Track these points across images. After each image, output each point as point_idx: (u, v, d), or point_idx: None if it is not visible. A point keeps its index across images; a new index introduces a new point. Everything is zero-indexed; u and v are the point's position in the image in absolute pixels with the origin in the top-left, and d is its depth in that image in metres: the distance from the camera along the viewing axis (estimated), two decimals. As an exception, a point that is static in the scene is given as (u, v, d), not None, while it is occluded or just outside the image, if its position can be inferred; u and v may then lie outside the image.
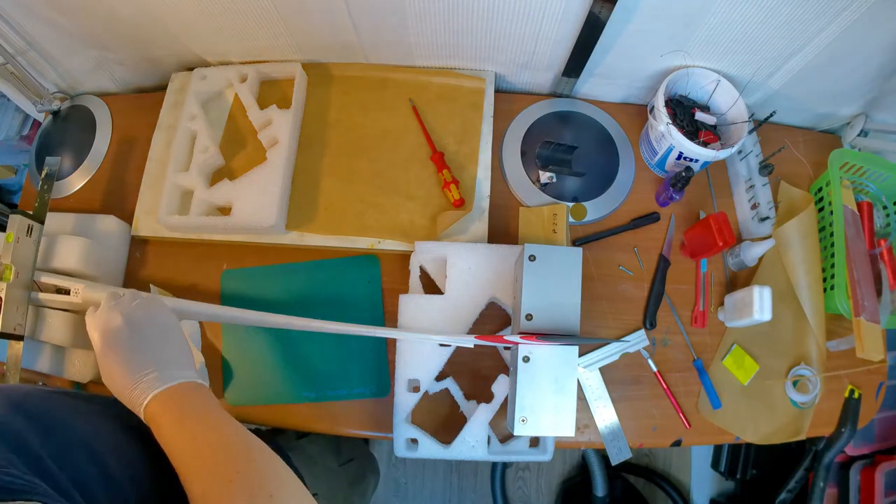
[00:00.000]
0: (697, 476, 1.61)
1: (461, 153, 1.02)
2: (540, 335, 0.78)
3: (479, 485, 1.95)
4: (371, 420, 0.94)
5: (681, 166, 0.98)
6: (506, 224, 1.02)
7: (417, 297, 0.91)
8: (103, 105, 1.15)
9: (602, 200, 1.03)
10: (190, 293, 1.01)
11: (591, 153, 1.05)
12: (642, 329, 0.98)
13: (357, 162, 1.02)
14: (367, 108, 1.06)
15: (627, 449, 0.94)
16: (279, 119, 1.01)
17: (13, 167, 1.23)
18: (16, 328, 0.84)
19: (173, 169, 1.00)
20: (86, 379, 0.95)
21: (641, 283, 1.00)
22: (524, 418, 0.77)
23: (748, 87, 0.99)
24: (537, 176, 1.04)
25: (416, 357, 0.89)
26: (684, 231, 1.02)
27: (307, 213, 1.00)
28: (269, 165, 0.98)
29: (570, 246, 0.98)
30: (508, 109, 1.09)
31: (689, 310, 1.00)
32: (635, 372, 0.97)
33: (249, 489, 0.50)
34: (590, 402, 0.95)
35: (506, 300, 0.90)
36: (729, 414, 0.95)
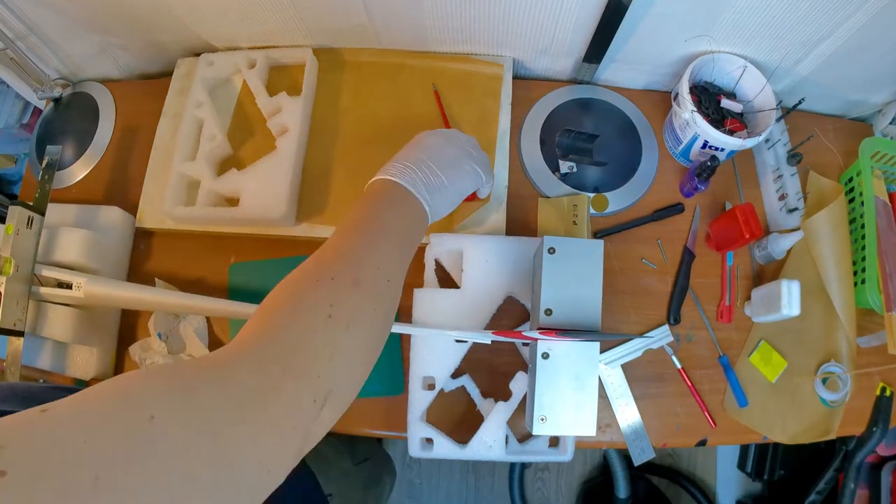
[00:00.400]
0: (723, 477, 1.61)
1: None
2: (560, 331, 0.76)
3: (496, 486, 1.94)
4: (384, 419, 0.93)
5: (706, 155, 0.97)
6: (524, 215, 1.01)
7: (432, 291, 0.90)
8: (106, 92, 1.14)
9: (624, 191, 1.02)
10: (196, 287, 1.00)
11: (612, 142, 1.04)
12: (666, 324, 0.97)
13: (370, 151, 1.01)
14: (381, 95, 1.04)
15: (650, 449, 0.93)
16: (289, 106, 1.00)
17: (13, 156, 1.22)
18: (16, 324, 0.84)
19: (179, 158, 0.99)
20: (88, 376, 0.94)
21: (665, 277, 0.99)
22: (543, 417, 0.76)
23: (776, 74, 0.98)
24: (557, 165, 1.03)
25: (431, 353, 0.88)
26: (709, 223, 1.01)
27: (318, 204, 0.98)
28: (279, 154, 0.97)
29: (591, 238, 0.98)
30: (527, 96, 1.08)
31: (715, 304, 0.99)
32: (659, 369, 0.96)
33: (314, 306, 0.47)
34: (611, 400, 0.94)
35: (524, 294, 0.90)
36: (756, 412, 0.94)
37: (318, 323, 0.46)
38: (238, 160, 1.02)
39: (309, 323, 0.46)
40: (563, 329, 0.77)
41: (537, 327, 0.78)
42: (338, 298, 0.48)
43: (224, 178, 0.98)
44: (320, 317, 0.46)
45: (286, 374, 0.42)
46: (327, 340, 0.46)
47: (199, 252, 1.02)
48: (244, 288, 0.99)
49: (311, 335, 0.45)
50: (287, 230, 0.98)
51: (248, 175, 0.97)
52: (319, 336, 0.46)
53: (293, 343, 0.44)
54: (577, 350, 0.77)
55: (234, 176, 0.97)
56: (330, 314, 0.47)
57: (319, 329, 0.46)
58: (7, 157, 1.21)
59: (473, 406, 0.90)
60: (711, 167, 0.93)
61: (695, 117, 0.92)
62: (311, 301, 0.48)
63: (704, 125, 0.92)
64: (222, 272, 1.01)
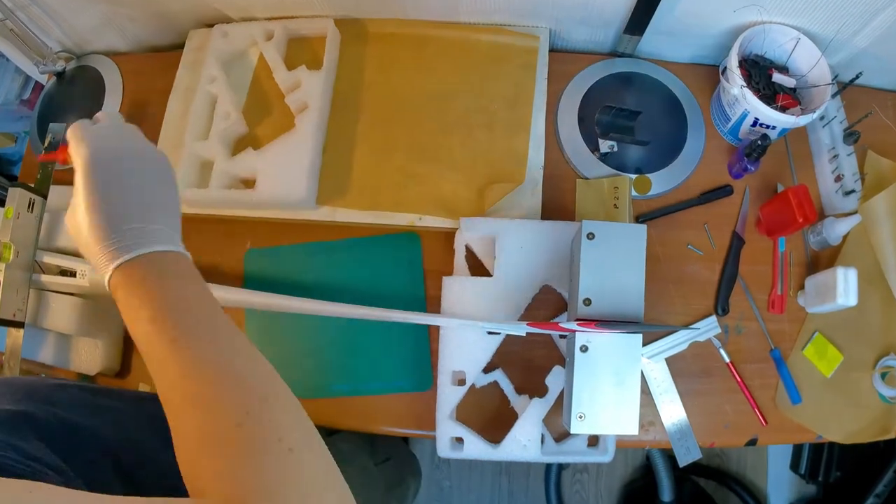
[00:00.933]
0: (775, 479, 1.59)
1: (512, 119, 0.99)
2: (599, 322, 0.76)
3: (531, 488, 1.92)
4: (411, 417, 0.93)
5: (756, 134, 0.95)
6: (561, 198, 1.00)
7: (463, 279, 0.89)
8: (113, 65, 1.13)
9: (668, 172, 1.00)
10: (210, 275, 0.98)
11: (656, 119, 1.02)
12: (713, 315, 0.95)
13: (395, 128, 1.00)
14: (407, 69, 1.03)
15: (697, 448, 0.91)
16: (309, 81, 0.99)
17: (13, 135, 1.23)
18: (15, 314, 0.83)
19: (191, 137, 0.98)
20: (94, 371, 0.94)
21: (712, 264, 0.98)
22: (582, 414, 0.75)
23: (831, 46, 0.95)
24: (597, 145, 1.01)
25: (461, 346, 0.87)
26: (760, 206, 0.99)
27: (340, 185, 0.97)
28: (298, 133, 0.96)
29: (633, 223, 0.97)
30: (564, 70, 1.06)
31: (766, 294, 0.97)
32: (706, 363, 0.94)
33: (261, 439, 0.41)
34: (655, 396, 0.92)
35: (561, 283, 0.88)
36: (810, 409, 0.92)
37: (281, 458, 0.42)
38: (254, 139, 1.01)
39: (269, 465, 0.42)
40: (602, 320, 0.76)
41: (575, 318, 0.77)
42: (260, 424, 0.43)
43: (239, 158, 0.96)
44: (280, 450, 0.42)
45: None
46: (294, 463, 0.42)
47: (212, 238, 1.01)
48: (261, 276, 0.99)
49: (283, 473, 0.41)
50: (307, 214, 0.96)
51: (264, 155, 0.96)
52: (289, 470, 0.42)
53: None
54: (618, 343, 0.77)
55: (250, 156, 0.96)
56: (280, 438, 0.42)
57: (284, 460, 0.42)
58: (6, 135, 1.22)
59: (507, 403, 0.89)
60: (762, 146, 0.91)
61: (744, 93, 0.91)
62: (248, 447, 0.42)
63: (754, 101, 0.90)
64: (237, 259, 1.00)
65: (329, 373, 0.94)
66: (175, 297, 0.47)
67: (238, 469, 0.40)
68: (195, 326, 0.46)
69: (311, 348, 0.95)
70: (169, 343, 0.45)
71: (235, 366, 0.45)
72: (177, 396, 0.44)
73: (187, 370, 0.44)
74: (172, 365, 0.44)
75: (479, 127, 0.99)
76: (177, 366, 0.44)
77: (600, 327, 0.75)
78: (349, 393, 0.93)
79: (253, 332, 0.96)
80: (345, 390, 0.93)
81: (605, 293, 0.77)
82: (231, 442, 0.41)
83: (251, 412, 0.42)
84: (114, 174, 0.51)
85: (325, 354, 0.95)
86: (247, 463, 0.40)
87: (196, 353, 0.45)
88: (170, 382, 0.44)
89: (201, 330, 0.46)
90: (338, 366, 0.94)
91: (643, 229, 0.80)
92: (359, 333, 0.95)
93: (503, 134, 0.98)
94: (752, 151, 0.93)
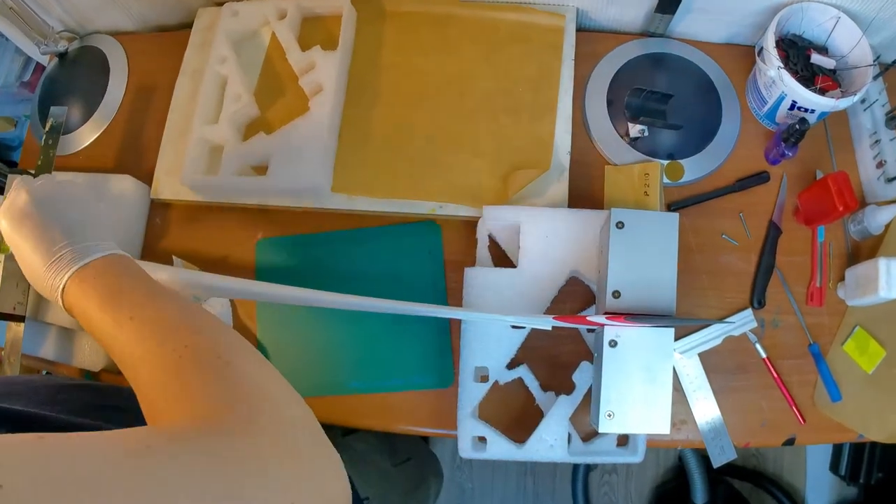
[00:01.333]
0: (813, 480, 1.58)
1: (538, 102, 0.98)
2: (629, 315, 0.76)
3: (557, 490, 1.91)
4: (431, 415, 0.92)
5: (794, 118, 0.93)
6: (589, 185, 0.98)
7: (486, 270, 0.88)
8: (118, 46, 1.12)
9: (702, 157, 0.99)
10: (219, 266, 0.98)
11: (689, 102, 1.01)
12: (749, 308, 0.93)
13: (415, 113, 0.99)
14: (427, 50, 1.02)
15: (732, 448, 0.90)
16: (324, 62, 0.98)
17: (13, 119, 1.22)
18: (15, 307, 0.83)
19: (200, 121, 0.98)
20: (97, 367, 0.93)
21: (748, 255, 0.96)
22: (611, 413, 0.75)
23: (873, 25, 0.93)
24: (626, 129, 0.99)
25: (483, 341, 0.86)
26: (798, 193, 0.97)
27: (356, 172, 0.97)
28: (312, 117, 0.95)
29: (665, 211, 0.95)
30: (592, 51, 1.04)
31: (804, 286, 0.95)
32: (741, 358, 0.93)
33: (200, 359, 0.48)
34: (687, 393, 0.91)
35: (589, 274, 0.87)
36: (850, 407, 0.90)
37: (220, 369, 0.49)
38: (266, 123, 1.01)
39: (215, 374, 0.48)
40: (632, 313, 0.76)
41: (604, 311, 0.77)
42: (199, 348, 0.50)
43: (250, 143, 0.96)
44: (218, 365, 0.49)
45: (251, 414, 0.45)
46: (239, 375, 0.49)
47: (222, 227, 1.00)
48: (273, 267, 0.98)
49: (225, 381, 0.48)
50: (322, 202, 0.96)
51: (277, 140, 0.95)
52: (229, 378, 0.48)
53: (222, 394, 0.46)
54: (649, 337, 0.76)
55: (262, 141, 0.96)
56: (218, 356, 0.50)
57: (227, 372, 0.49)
58: (6, 119, 1.21)
59: (532, 400, 0.88)
60: (800, 131, 0.90)
61: (781, 74, 0.89)
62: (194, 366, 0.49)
63: (792, 83, 0.88)
64: (248, 249, 0.99)
65: (344, 369, 0.93)
66: (111, 287, 0.57)
67: (186, 388, 0.46)
68: (134, 302, 0.55)
69: (325, 343, 0.94)
70: (114, 323, 0.53)
71: (171, 316, 0.53)
72: (130, 362, 0.51)
73: (133, 335, 0.52)
74: (120, 336, 0.52)
75: (502, 110, 0.97)
76: (123, 335, 0.52)
77: (630, 321, 0.75)
78: (365, 390, 0.92)
79: (264, 326, 0.95)
80: (361, 387, 0.92)
81: (635, 285, 0.77)
82: (175, 370, 0.47)
83: (189, 344, 0.49)
84: (34, 220, 0.63)
85: (340, 350, 0.94)
86: (191, 381, 0.46)
87: (138, 322, 0.52)
88: (123, 354, 0.52)
89: (139, 303, 0.55)
90: (353, 362, 0.93)
91: (675, 218, 0.80)
92: (376, 327, 0.93)
93: (528, 118, 0.97)
94: (789, 136, 0.91)
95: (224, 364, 0.48)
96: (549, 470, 1.92)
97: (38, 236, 0.61)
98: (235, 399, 0.45)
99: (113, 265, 0.60)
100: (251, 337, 0.95)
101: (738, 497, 1.74)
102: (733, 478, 1.78)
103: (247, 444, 0.40)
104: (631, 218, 0.78)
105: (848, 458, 1.43)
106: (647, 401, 0.75)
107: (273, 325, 0.96)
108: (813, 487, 1.57)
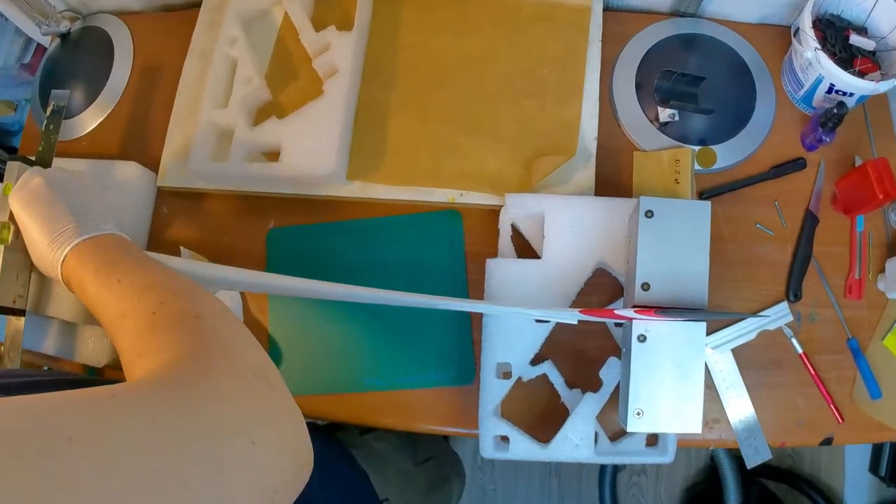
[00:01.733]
0: (852, 481, 1.57)
1: (563, 85, 0.96)
2: (659, 309, 0.75)
3: (584, 492, 1.91)
4: (451, 413, 0.91)
5: (832, 101, 0.91)
6: (617, 172, 0.97)
7: (508, 261, 0.88)
8: (123, 26, 1.11)
9: (735, 143, 0.98)
10: (229, 257, 0.98)
11: (721, 85, 0.99)
12: (784, 301, 0.92)
13: (434, 95, 0.98)
14: (446, 30, 1.01)
15: (766, 448, 0.89)
16: (339, 43, 0.97)
17: (12, 102, 1.23)
18: (16, 300, 0.81)
19: (208, 104, 0.97)
20: (101, 363, 0.92)
21: (783, 245, 0.95)
22: (640, 411, 0.75)
23: None
24: (656, 113, 0.98)
25: (506, 336, 0.85)
26: (836, 181, 0.96)
27: (373, 158, 0.96)
28: (327, 100, 0.94)
29: (696, 199, 0.95)
30: (620, 32, 1.03)
31: (842, 278, 0.94)
32: (776, 354, 0.91)
33: (173, 316, 0.53)
34: (720, 390, 0.90)
35: (617, 266, 0.87)
36: (891, 405, 0.89)
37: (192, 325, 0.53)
38: (278, 107, 1.00)
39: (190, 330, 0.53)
40: (662, 307, 0.76)
41: (632, 305, 0.77)
42: (185, 307, 0.55)
43: (262, 127, 0.95)
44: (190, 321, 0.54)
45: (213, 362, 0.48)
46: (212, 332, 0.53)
47: (232, 216, 1.00)
48: (285, 258, 0.98)
49: (200, 335, 0.52)
50: (336, 189, 0.95)
51: (290, 124, 0.94)
52: (203, 333, 0.52)
53: (196, 346, 0.50)
54: (680, 332, 0.76)
55: (274, 125, 0.95)
56: (193, 313, 0.54)
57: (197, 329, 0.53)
58: (6, 103, 1.22)
59: (557, 398, 0.88)
60: (838, 115, 0.88)
61: (819, 56, 0.87)
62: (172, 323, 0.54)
63: (830, 65, 0.87)
64: (259, 239, 0.98)
65: (360, 365, 0.92)
66: (107, 256, 0.63)
67: (157, 341, 0.50)
68: (124, 269, 0.61)
69: (340, 338, 0.93)
70: (104, 287, 0.59)
71: (154, 278, 0.59)
72: (114, 318, 0.56)
73: (118, 295, 0.57)
74: (108, 296, 0.58)
75: (526, 94, 0.96)
76: (111, 296, 0.58)
77: (660, 315, 0.75)
78: (383, 388, 0.91)
79: (276, 321, 0.95)
80: (378, 385, 0.91)
81: (665, 277, 0.77)
82: (149, 325, 0.52)
83: (165, 300, 0.55)
84: (45, 199, 0.70)
85: (357, 345, 0.93)
86: (166, 336, 0.50)
87: (125, 284, 0.58)
88: (108, 316, 0.57)
89: (128, 269, 0.61)
90: (370, 358, 0.92)
91: (707, 206, 0.79)
92: (393, 322, 0.93)
93: (553, 101, 0.95)
94: (827, 121, 0.89)
95: (194, 319, 0.52)
96: (575, 471, 1.92)
97: (46, 216, 0.67)
98: (201, 350, 0.48)
99: (112, 242, 0.66)
100: (263, 332, 0.95)
101: (773, 499, 1.74)
102: (768, 479, 1.77)
103: (207, 389, 0.43)
104: (661, 206, 0.78)
105: (888, 458, 1.43)
106: (677, 398, 0.74)
107: (285, 319, 0.95)
108: (851, 489, 1.56)
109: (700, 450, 1.86)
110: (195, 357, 0.47)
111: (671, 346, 0.75)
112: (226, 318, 0.55)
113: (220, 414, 0.41)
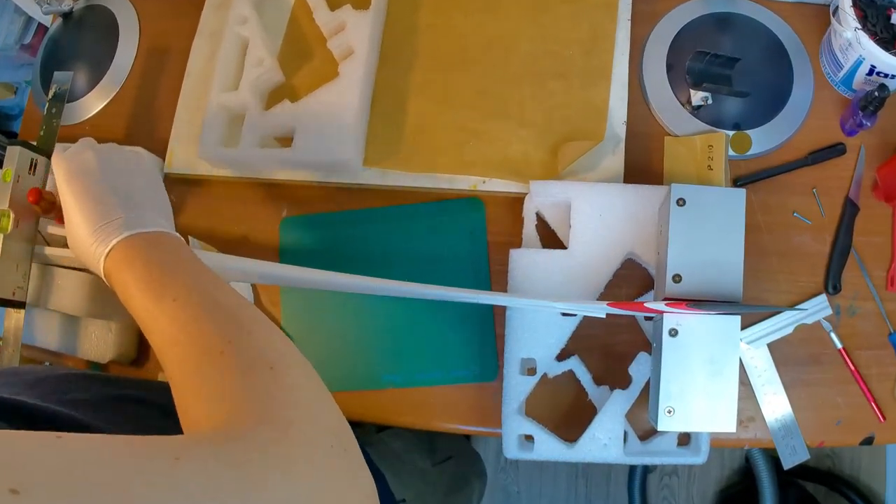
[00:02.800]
0: (894, 483, 1.57)
1: (590, 67, 0.96)
2: (691, 301, 0.74)
3: (612, 494, 1.91)
4: (473, 411, 0.91)
5: (873, 84, 0.90)
6: (647, 158, 0.97)
7: (533, 252, 0.87)
8: (128, 4, 1.11)
9: (771, 128, 0.97)
10: (240, 247, 0.98)
11: (757, 67, 0.98)
12: (823, 294, 0.91)
13: (455, 78, 0.97)
14: (468, 9, 1.00)
15: (804, 448, 0.88)
16: (355, 23, 0.96)
17: (12, 85, 1.24)
18: (15, 292, 0.82)
19: (218, 87, 0.96)
20: (105, 358, 0.93)
21: (822, 235, 0.94)
22: (671, 409, 0.74)
23: None
24: (688, 96, 0.97)
25: (531, 330, 0.85)
26: (877, 167, 0.94)
27: (391, 144, 0.96)
28: (342, 83, 0.94)
29: (731, 186, 0.94)
30: (651, 11, 1.02)
31: (884, 269, 0.92)
32: (814, 349, 0.91)
33: (244, 361, 0.49)
34: (755, 388, 0.89)
35: (647, 256, 0.86)
36: None
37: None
38: (292, 90, 1.00)
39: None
40: (695, 300, 0.75)
41: (663, 297, 0.77)
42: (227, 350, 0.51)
43: (274, 111, 0.95)
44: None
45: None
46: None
47: (242, 204, 1.00)
48: (299, 248, 0.98)
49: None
50: (352, 176, 0.95)
51: (303, 108, 0.94)
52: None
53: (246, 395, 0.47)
54: (713, 326, 0.75)
55: (287, 109, 0.95)
56: (262, 359, 0.51)
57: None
58: (5, 85, 1.22)
59: (584, 395, 0.87)
60: (880, 98, 0.87)
61: (859, 36, 0.86)
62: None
63: (870, 46, 0.86)
64: (272, 228, 0.98)
65: (378, 361, 0.92)
66: (159, 261, 0.58)
67: (226, 390, 0.46)
68: (181, 283, 0.56)
69: (357, 333, 0.94)
70: (155, 300, 0.53)
71: (218, 302, 0.54)
72: (167, 345, 0.52)
73: (175, 318, 0.52)
74: (160, 317, 0.53)
75: (551, 76, 0.95)
76: (164, 316, 0.52)
77: (692, 308, 0.74)
78: (401, 384, 0.91)
79: (289, 314, 0.95)
80: (396, 381, 0.91)
81: (697, 268, 0.76)
82: (215, 365, 0.48)
83: (233, 340, 0.50)
84: (92, 178, 0.64)
85: (374, 340, 0.93)
86: (233, 383, 0.47)
87: (182, 305, 0.53)
88: (161, 335, 0.52)
89: (186, 284, 0.55)
90: (388, 353, 0.92)
91: (742, 194, 0.78)
92: (412, 315, 0.93)
93: (579, 84, 0.95)
94: (867, 104, 0.88)
95: (267, 368, 0.48)
96: (603, 472, 1.92)
97: (92, 196, 0.62)
98: (272, 407, 0.45)
99: (164, 241, 0.61)
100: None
101: (811, 501, 1.73)
102: (806, 480, 1.77)
103: (277, 459, 0.41)
104: (693, 194, 0.77)
105: (933, 458, 1.43)
106: (710, 396, 0.74)
107: (299, 312, 0.95)
108: (894, 490, 1.56)
109: (734, 450, 1.86)
110: (268, 416, 0.44)
111: (704, 340, 0.74)
112: (299, 364, 0.52)
113: (289, 488, 0.40)
